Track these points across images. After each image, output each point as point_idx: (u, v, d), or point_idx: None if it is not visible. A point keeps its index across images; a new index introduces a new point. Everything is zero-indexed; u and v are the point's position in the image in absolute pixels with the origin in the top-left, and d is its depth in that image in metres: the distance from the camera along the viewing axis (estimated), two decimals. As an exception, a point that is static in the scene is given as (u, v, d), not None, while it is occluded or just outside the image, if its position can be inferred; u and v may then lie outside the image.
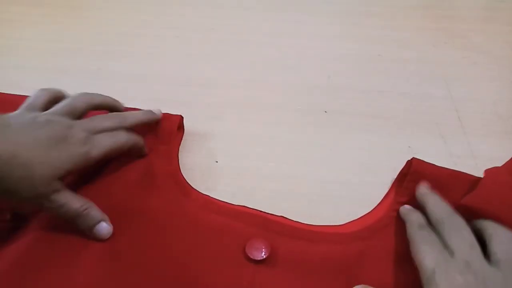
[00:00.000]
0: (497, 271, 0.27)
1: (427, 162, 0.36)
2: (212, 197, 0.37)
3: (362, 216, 0.35)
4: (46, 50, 0.56)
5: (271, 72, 0.53)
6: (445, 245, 0.29)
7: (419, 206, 0.33)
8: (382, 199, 0.37)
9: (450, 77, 0.51)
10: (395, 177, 0.38)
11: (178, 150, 0.41)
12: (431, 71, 0.49)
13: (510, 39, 0.58)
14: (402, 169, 0.38)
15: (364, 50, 0.56)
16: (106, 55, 0.55)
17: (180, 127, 0.42)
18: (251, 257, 0.31)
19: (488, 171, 0.35)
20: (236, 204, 0.36)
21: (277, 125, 0.45)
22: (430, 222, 0.32)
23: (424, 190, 0.34)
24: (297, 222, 0.35)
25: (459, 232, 0.30)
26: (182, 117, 0.42)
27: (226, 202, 0.36)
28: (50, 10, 0.64)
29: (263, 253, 0.31)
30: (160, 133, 0.40)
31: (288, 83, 0.51)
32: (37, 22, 0.62)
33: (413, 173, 0.35)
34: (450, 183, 0.35)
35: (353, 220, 0.35)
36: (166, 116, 0.41)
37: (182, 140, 0.43)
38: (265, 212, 0.36)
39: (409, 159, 0.38)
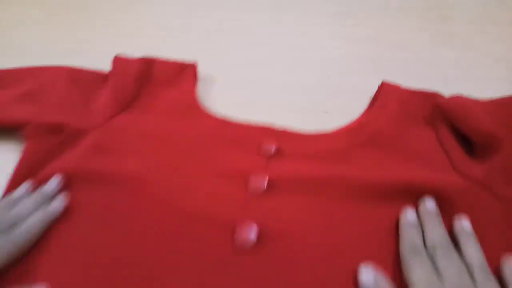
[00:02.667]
0: None
1: (395, 84, 0.46)
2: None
3: (345, 125, 0.43)
4: (46, 50, 0.56)
5: (271, 72, 0.53)
6: (435, 267, 0.30)
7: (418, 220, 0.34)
8: (359, 115, 0.45)
9: (450, 77, 0.51)
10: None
11: (195, 87, 0.48)
12: (431, 71, 0.49)
13: (510, 39, 0.58)
14: (375, 93, 0.46)
15: (364, 50, 0.56)
16: (106, 55, 0.54)
17: (195, 72, 0.49)
18: (266, 151, 0.39)
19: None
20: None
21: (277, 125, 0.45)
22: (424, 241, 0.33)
23: (427, 208, 0.35)
24: (298, 131, 0.42)
25: (450, 258, 0.31)
26: (196, 64, 0.50)
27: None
28: (50, 10, 0.64)
29: (273, 149, 0.39)
30: (179, 77, 0.48)
31: (288, 83, 0.51)
32: (37, 22, 0.62)
33: (384, 92, 0.46)
34: (416, 101, 0.44)
35: (339, 128, 0.43)
36: (183, 64, 0.49)
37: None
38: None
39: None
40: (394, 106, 0.43)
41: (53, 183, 0.36)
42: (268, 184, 0.36)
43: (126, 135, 0.40)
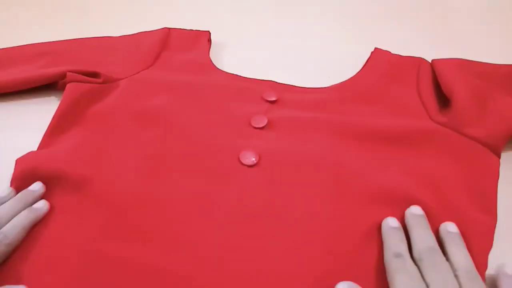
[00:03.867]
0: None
1: (386, 50, 0.52)
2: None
3: (340, 82, 0.49)
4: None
5: (271, 72, 0.53)
6: (421, 275, 0.29)
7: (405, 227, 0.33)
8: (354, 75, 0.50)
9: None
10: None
11: (209, 51, 0.55)
12: (431, 70, 0.49)
13: (510, 39, 0.58)
14: (368, 57, 0.52)
15: (364, 50, 0.56)
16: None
17: (209, 39, 0.57)
18: (267, 99, 0.45)
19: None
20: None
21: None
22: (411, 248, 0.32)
23: (413, 212, 0.33)
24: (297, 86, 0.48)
25: (437, 266, 0.29)
26: (209, 32, 0.57)
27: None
28: (50, 10, 0.65)
29: (274, 97, 0.45)
30: (195, 42, 0.56)
31: (288, 83, 0.51)
32: (37, 22, 0.62)
33: (375, 56, 0.52)
34: (402, 63, 0.50)
35: (334, 84, 0.49)
36: (197, 32, 0.57)
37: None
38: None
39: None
40: (383, 67, 0.50)
41: (36, 187, 0.35)
42: (267, 123, 0.42)
43: (151, 84, 0.47)
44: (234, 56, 0.55)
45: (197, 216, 0.35)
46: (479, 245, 0.32)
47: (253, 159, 0.38)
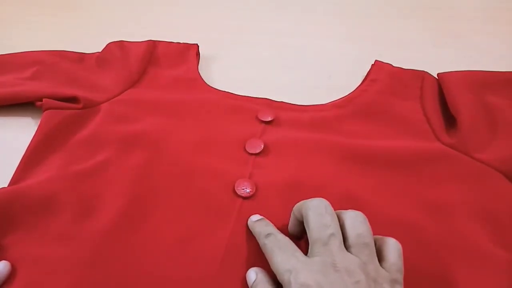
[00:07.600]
0: (352, 256, 0.28)
1: (387, 63, 0.50)
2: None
3: (338, 98, 0.47)
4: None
5: (271, 72, 0.53)
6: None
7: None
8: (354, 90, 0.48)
9: (450, 77, 0.50)
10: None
11: (198, 66, 0.52)
12: (431, 71, 0.49)
13: (510, 39, 0.58)
14: (369, 70, 0.50)
15: (364, 50, 0.56)
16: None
17: (197, 53, 0.54)
18: (262, 119, 0.43)
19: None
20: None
21: (277, 125, 0.45)
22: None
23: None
24: (294, 103, 0.46)
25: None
26: (198, 45, 0.54)
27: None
28: (49, 10, 0.64)
29: (270, 117, 0.43)
30: (184, 56, 0.52)
31: (288, 83, 0.51)
32: (36, 22, 0.62)
33: (376, 69, 0.50)
34: (405, 77, 0.48)
35: (332, 101, 0.47)
36: (185, 45, 0.54)
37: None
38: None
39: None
40: (384, 81, 0.48)
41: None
42: (263, 148, 0.40)
43: (136, 105, 0.44)
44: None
45: (186, 260, 0.32)
46: (496, 285, 0.30)
47: (249, 190, 0.36)
